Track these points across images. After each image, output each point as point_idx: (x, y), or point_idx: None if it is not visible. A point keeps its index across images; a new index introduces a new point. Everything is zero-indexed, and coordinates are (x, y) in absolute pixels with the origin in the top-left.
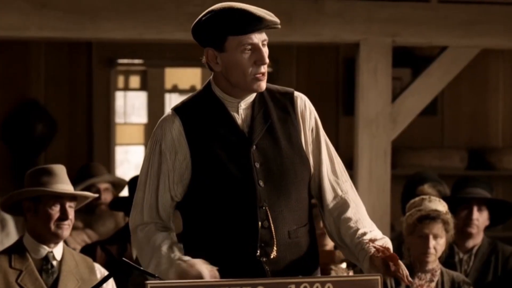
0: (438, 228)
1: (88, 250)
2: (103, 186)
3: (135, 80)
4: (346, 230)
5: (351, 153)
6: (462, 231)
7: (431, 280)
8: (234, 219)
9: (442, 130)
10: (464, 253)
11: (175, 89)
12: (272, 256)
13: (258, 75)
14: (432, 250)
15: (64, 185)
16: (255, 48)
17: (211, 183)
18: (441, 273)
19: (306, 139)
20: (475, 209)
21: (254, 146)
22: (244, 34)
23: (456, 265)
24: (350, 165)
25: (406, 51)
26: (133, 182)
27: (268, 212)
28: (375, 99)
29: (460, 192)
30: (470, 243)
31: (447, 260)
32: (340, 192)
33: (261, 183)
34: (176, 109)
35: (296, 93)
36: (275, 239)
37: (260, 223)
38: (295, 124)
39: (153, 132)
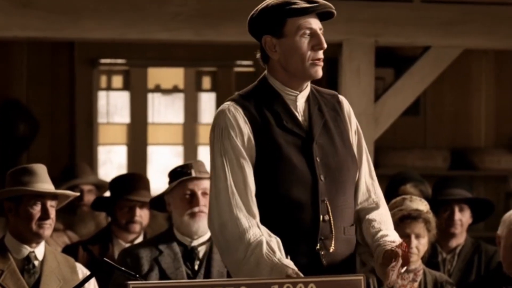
0: (420, 227)
1: (70, 250)
2: (86, 187)
3: (117, 80)
4: (369, 229)
5: None
6: (445, 231)
7: (414, 280)
8: (296, 212)
9: (424, 130)
10: (447, 253)
11: (157, 89)
12: (331, 250)
13: (316, 61)
14: (414, 250)
15: (45, 184)
16: (313, 33)
17: (275, 174)
18: (424, 273)
19: (352, 141)
20: (456, 209)
21: (315, 142)
22: (304, 15)
23: (439, 265)
24: None
25: (389, 51)
26: (114, 183)
27: (329, 206)
28: (358, 99)
29: (441, 193)
30: (453, 243)
31: (430, 260)
32: (373, 195)
33: (322, 178)
34: (236, 101)
35: (341, 96)
36: (334, 233)
37: (321, 216)
38: (344, 124)
39: (212, 125)
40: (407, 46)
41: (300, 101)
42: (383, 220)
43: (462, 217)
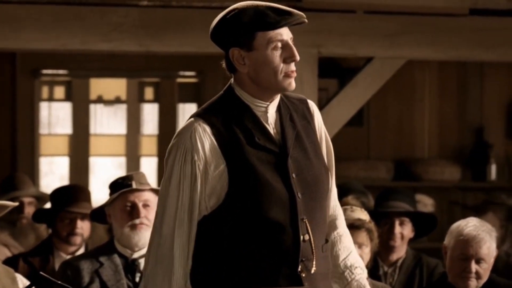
0: (362, 237)
1: (10, 262)
2: (27, 199)
3: (59, 91)
4: (337, 251)
5: None
6: (385, 244)
7: None
8: (276, 233)
9: (368, 141)
10: (388, 266)
11: (100, 100)
12: (312, 271)
13: (289, 73)
14: None
15: None
16: (285, 45)
17: (251, 195)
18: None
19: (322, 150)
20: (396, 222)
21: (289, 156)
22: (275, 29)
23: (380, 278)
24: None
25: (333, 62)
26: (55, 195)
27: (308, 225)
28: None
29: (382, 205)
30: (394, 256)
31: (372, 272)
32: (337, 206)
33: (299, 195)
34: (200, 116)
35: (309, 100)
36: (314, 253)
37: (302, 236)
38: (315, 133)
39: (175, 143)
40: (350, 56)
41: (270, 112)
42: (347, 239)
43: (403, 231)
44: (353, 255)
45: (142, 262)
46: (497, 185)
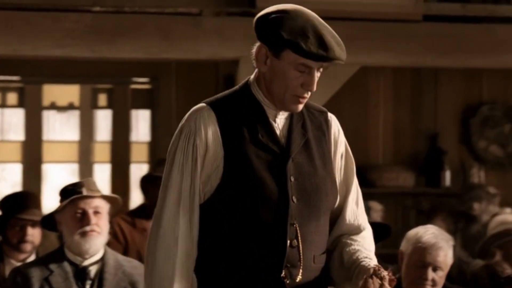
0: None
1: None
2: None
3: (12, 97)
4: (350, 250)
5: None
6: None
7: None
8: (261, 234)
9: None
10: None
11: (53, 106)
12: (297, 280)
13: (299, 97)
14: None
15: None
16: (309, 72)
17: (242, 191)
18: None
19: (335, 164)
20: None
21: (291, 160)
22: (303, 57)
23: None
24: None
25: None
26: (5, 202)
27: (298, 231)
28: None
29: None
30: None
31: None
32: (358, 222)
33: (294, 199)
34: (211, 104)
35: (330, 114)
36: (302, 261)
37: (289, 241)
38: (328, 146)
39: (182, 125)
40: None
41: (280, 116)
42: (366, 243)
43: None
44: (366, 254)
45: (92, 269)
46: (451, 191)
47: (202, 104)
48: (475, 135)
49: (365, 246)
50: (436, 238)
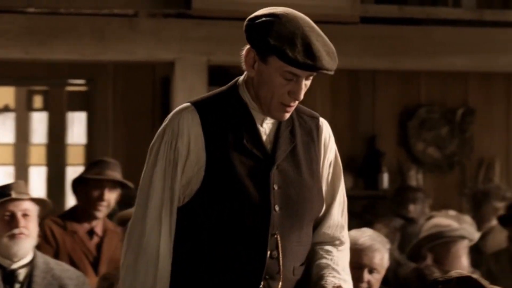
0: None
1: None
2: None
3: None
4: (319, 265)
5: None
6: None
7: None
8: (240, 243)
9: None
10: None
11: None
12: None
13: (285, 106)
14: None
15: None
16: (296, 80)
17: (222, 197)
18: None
19: (323, 173)
20: None
21: (276, 167)
22: (288, 65)
23: None
24: None
25: (224, 70)
26: None
27: (279, 241)
28: None
29: None
30: None
31: None
32: (338, 235)
33: (277, 208)
34: (195, 105)
35: (321, 119)
36: (281, 273)
37: (269, 252)
38: (317, 153)
39: (165, 126)
40: (239, 64)
41: (267, 121)
42: (339, 259)
43: None
44: (332, 271)
45: (21, 272)
46: (389, 194)
47: (187, 104)
48: (412, 138)
49: (336, 262)
50: (372, 241)
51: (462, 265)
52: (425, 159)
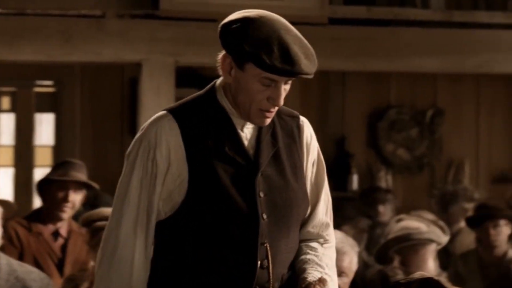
0: None
1: None
2: None
3: None
4: (302, 257)
5: None
6: None
7: None
8: (229, 254)
9: None
10: None
11: None
12: None
13: (265, 112)
14: None
15: None
16: (275, 85)
17: (208, 208)
18: None
19: (307, 173)
20: None
21: (260, 173)
22: (266, 72)
23: None
24: None
25: (193, 72)
26: None
27: (269, 250)
28: None
29: None
30: None
31: None
32: (324, 235)
33: (264, 216)
34: (173, 112)
35: (302, 118)
36: (271, 281)
37: (259, 262)
38: (300, 154)
39: (141, 135)
40: (208, 66)
41: (249, 125)
42: (324, 255)
43: None
44: (316, 266)
45: None
46: (358, 195)
47: (163, 113)
48: (382, 139)
49: (320, 258)
50: (341, 243)
51: (429, 268)
52: (394, 160)
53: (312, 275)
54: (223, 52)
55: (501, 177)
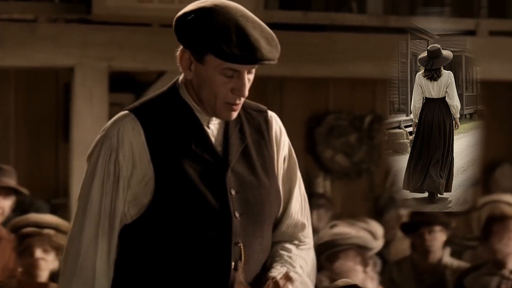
0: None
1: None
2: None
3: None
4: (273, 253)
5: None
6: None
7: None
8: (201, 255)
9: None
10: None
11: None
12: None
13: (231, 105)
14: None
15: None
16: (238, 76)
17: (177, 208)
18: None
19: (278, 170)
20: None
21: (230, 170)
22: (226, 61)
23: None
24: (66, 192)
25: (127, 76)
26: None
27: (243, 250)
28: (91, 125)
29: None
30: None
31: None
32: (301, 237)
33: (237, 214)
34: (135, 112)
35: (270, 113)
36: (245, 283)
37: (233, 263)
38: (269, 150)
39: (100, 138)
40: (141, 71)
41: (215, 120)
42: (297, 256)
43: None
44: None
45: None
46: None
47: (125, 112)
48: (320, 145)
49: (294, 259)
50: None
51: (356, 274)
52: (333, 166)
53: (278, 271)
54: (180, 48)
55: None
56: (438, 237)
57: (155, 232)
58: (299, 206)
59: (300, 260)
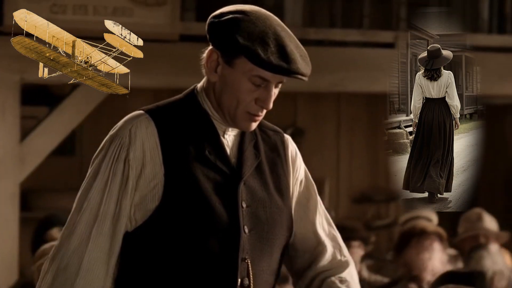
0: None
1: None
2: None
3: None
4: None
5: None
6: None
7: None
8: (207, 269)
9: (81, 170)
10: None
11: None
12: None
13: (253, 115)
14: None
15: None
16: (265, 86)
17: (186, 216)
18: None
19: (292, 191)
20: None
21: (243, 182)
22: (260, 67)
23: None
24: None
25: (41, 89)
26: None
27: (250, 267)
28: (3, 139)
29: None
30: None
31: None
32: (340, 256)
33: (246, 230)
34: (150, 112)
35: (285, 135)
36: None
37: (239, 280)
38: (285, 170)
39: (113, 134)
40: (55, 83)
41: (229, 132)
42: (354, 283)
43: None
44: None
45: None
46: None
47: (139, 112)
48: None
49: (351, 283)
50: None
51: None
52: None
53: None
54: (208, 49)
55: (361, 197)
56: (356, 252)
57: (159, 240)
58: (327, 225)
59: (357, 284)
